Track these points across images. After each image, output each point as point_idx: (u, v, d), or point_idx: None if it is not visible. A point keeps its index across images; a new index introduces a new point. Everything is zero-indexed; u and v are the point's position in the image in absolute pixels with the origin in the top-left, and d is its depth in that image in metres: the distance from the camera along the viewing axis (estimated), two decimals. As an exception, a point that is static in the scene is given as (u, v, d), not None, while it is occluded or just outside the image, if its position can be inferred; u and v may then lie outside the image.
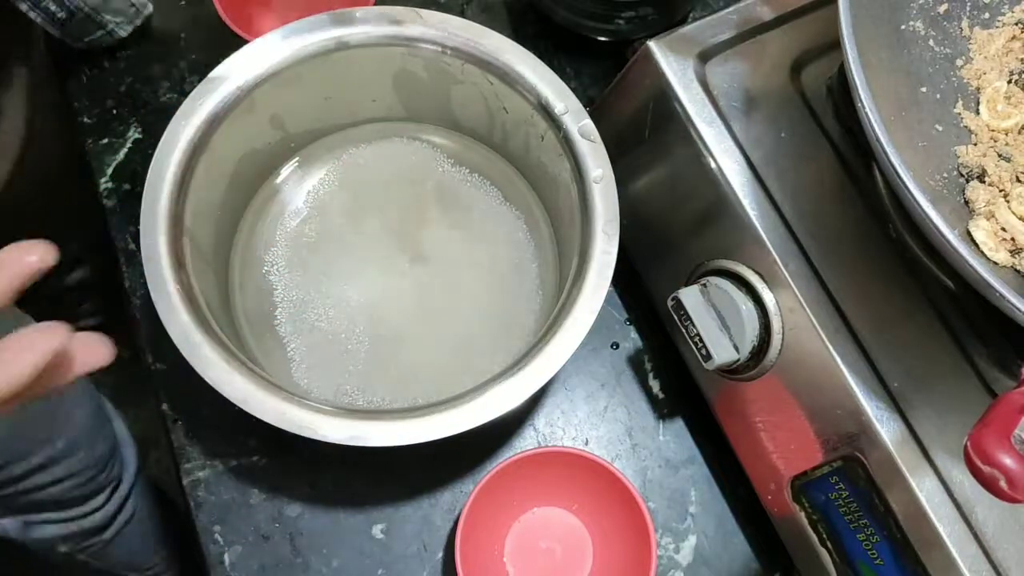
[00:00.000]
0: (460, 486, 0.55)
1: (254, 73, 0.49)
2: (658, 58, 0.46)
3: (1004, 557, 0.39)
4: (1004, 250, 0.39)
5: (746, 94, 0.46)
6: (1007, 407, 0.31)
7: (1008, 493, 0.29)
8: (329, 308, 0.54)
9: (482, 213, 0.57)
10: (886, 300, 0.43)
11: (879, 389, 0.41)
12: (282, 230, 0.56)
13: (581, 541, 0.53)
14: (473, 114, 0.56)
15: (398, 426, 0.42)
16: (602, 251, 0.46)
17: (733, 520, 0.56)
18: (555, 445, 0.56)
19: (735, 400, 0.49)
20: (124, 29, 0.61)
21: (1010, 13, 0.45)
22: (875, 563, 0.43)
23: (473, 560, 0.49)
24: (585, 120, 0.48)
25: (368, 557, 0.53)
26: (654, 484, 0.56)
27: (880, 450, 0.40)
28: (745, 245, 0.45)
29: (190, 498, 0.53)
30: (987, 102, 0.43)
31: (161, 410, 0.55)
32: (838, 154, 0.46)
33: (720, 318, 0.45)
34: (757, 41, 0.48)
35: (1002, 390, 0.40)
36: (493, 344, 0.53)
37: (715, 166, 0.45)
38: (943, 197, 0.40)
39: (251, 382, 0.42)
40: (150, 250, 0.44)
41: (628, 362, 0.59)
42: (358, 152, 0.58)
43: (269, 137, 0.54)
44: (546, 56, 0.50)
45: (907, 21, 0.43)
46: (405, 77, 0.54)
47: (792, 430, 0.45)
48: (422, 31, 0.50)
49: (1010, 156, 0.42)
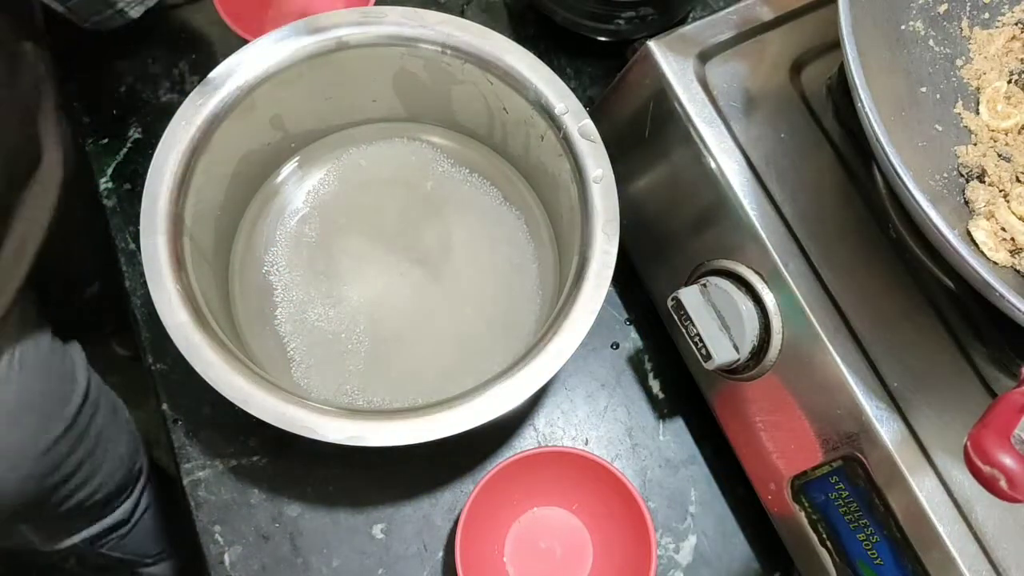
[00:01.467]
0: (460, 486, 0.55)
1: (254, 73, 0.49)
2: (658, 58, 0.46)
3: (1003, 557, 0.39)
4: (1004, 250, 0.39)
5: (746, 94, 0.46)
6: (1007, 407, 0.31)
7: (1008, 493, 0.29)
8: (329, 308, 0.54)
9: (482, 213, 0.57)
10: (886, 300, 0.43)
11: (879, 389, 0.41)
12: (282, 230, 0.56)
13: (581, 541, 0.53)
14: (473, 114, 0.56)
15: (398, 426, 0.42)
16: (602, 251, 0.46)
17: (733, 520, 0.56)
18: (555, 445, 0.56)
19: (735, 400, 0.49)
20: (136, 9, 0.55)
21: (1010, 13, 0.45)
22: (875, 563, 0.43)
23: (473, 560, 0.49)
24: (585, 120, 0.48)
25: (368, 557, 0.53)
26: (654, 484, 0.56)
27: (880, 450, 0.40)
28: (745, 245, 0.45)
29: (190, 498, 0.53)
30: (987, 102, 0.43)
31: (161, 410, 0.55)
32: (838, 154, 0.46)
33: (720, 318, 0.45)
34: (757, 41, 0.48)
35: (1002, 390, 0.39)
36: (493, 344, 0.53)
37: (715, 166, 0.45)
38: (943, 197, 0.40)
39: (251, 382, 0.42)
40: (150, 250, 0.44)
41: (628, 362, 0.59)
42: (358, 152, 0.58)
43: (269, 137, 0.54)
44: (546, 56, 0.50)
45: (907, 21, 0.43)
46: (405, 77, 0.54)
47: (792, 430, 0.45)
48: (422, 31, 0.50)
49: (1010, 156, 0.42)
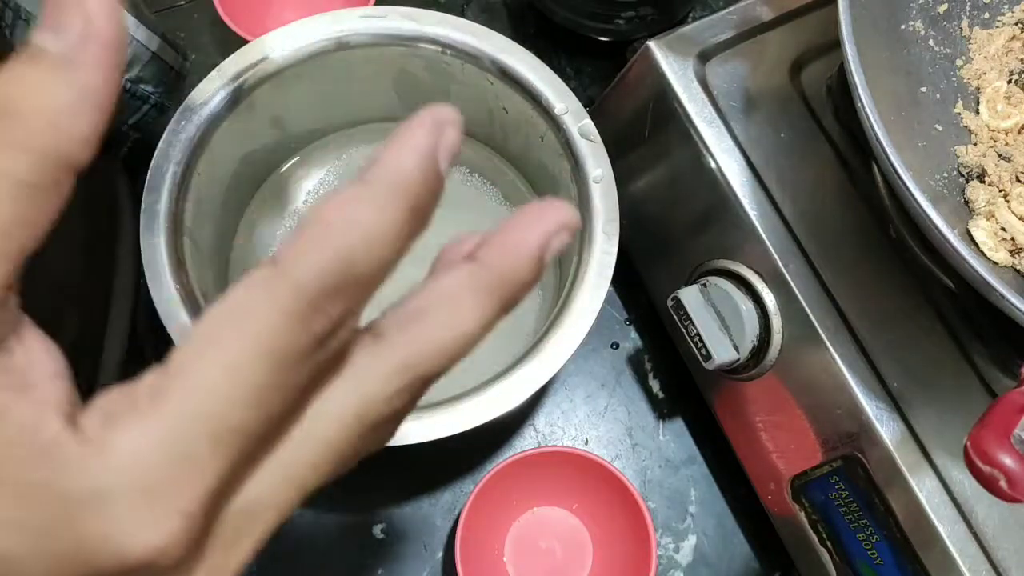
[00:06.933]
0: (460, 486, 0.55)
1: (254, 73, 0.49)
2: (658, 58, 0.46)
3: (1004, 557, 0.39)
4: (1004, 250, 0.39)
5: (746, 94, 0.46)
6: (1007, 407, 0.31)
7: (1008, 493, 0.29)
8: (329, 308, 0.54)
9: (482, 213, 0.57)
10: (886, 300, 0.43)
11: (879, 389, 0.41)
12: (282, 230, 0.56)
13: (581, 541, 0.53)
14: (473, 114, 0.56)
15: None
16: (602, 251, 0.46)
17: (733, 520, 0.56)
18: (555, 445, 0.56)
19: (735, 400, 0.49)
20: (169, 99, 0.51)
21: (1010, 13, 0.45)
22: (875, 563, 0.43)
23: (473, 560, 0.49)
24: (585, 120, 0.48)
25: (368, 557, 0.53)
26: (654, 484, 0.56)
27: (880, 450, 0.40)
28: (745, 245, 0.45)
29: (190, 498, 0.53)
30: (987, 102, 0.43)
31: (161, 410, 0.55)
32: (838, 154, 0.46)
33: (720, 318, 0.45)
34: (757, 41, 0.48)
35: (1002, 390, 0.39)
36: (493, 344, 0.53)
37: (715, 166, 0.45)
38: (943, 197, 0.40)
39: (251, 382, 0.42)
40: (150, 250, 0.44)
41: (628, 362, 0.59)
42: (358, 152, 0.58)
43: (269, 137, 0.54)
44: (546, 56, 0.50)
45: (907, 21, 0.43)
46: (405, 77, 0.54)
47: (792, 430, 0.45)
48: (422, 31, 0.50)
49: (1010, 156, 0.41)
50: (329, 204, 0.17)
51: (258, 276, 0.16)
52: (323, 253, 0.16)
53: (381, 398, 0.18)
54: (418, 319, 0.18)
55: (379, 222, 0.17)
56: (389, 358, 0.18)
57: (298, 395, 0.17)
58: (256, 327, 0.16)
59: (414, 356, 0.18)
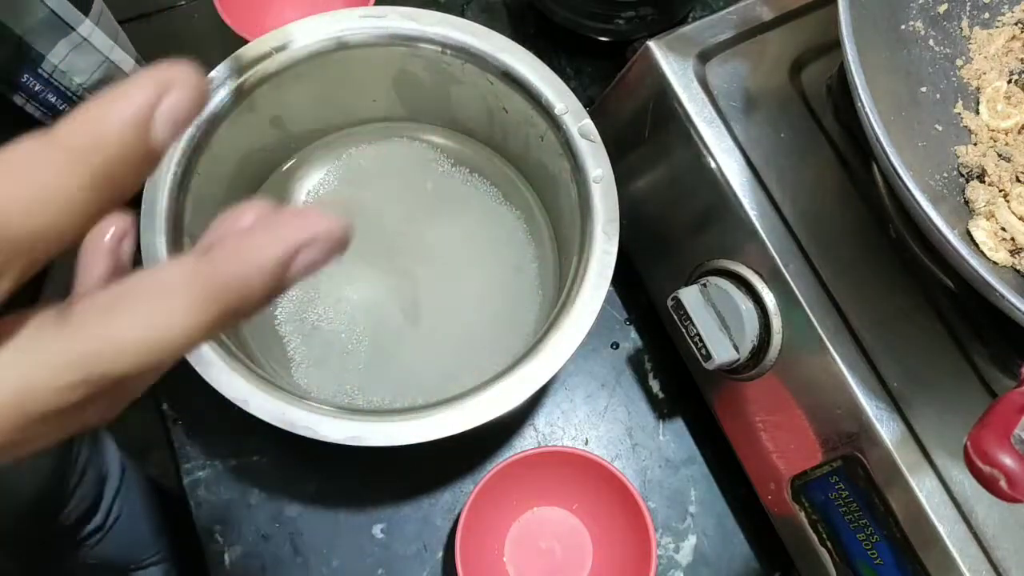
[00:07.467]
0: (460, 486, 0.55)
1: (254, 73, 0.49)
2: (658, 58, 0.46)
3: (1004, 557, 0.39)
4: (1004, 250, 0.39)
5: (746, 94, 0.46)
6: (1007, 407, 0.31)
7: (1008, 493, 0.29)
8: (329, 308, 0.54)
9: (482, 213, 0.57)
10: (886, 300, 0.43)
11: (879, 389, 0.41)
12: (282, 230, 0.56)
13: (581, 541, 0.53)
14: (473, 114, 0.56)
15: (398, 426, 0.42)
16: (602, 251, 0.46)
17: (733, 520, 0.56)
18: (555, 445, 0.56)
19: (735, 400, 0.49)
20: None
21: (1010, 13, 0.45)
22: (875, 563, 0.43)
23: (473, 560, 0.49)
24: (585, 120, 0.48)
25: (368, 557, 0.53)
26: (654, 484, 0.56)
27: (880, 450, 0.40)
28: (745, 245, 0.45)
29: (190, 498, 0.53)
30: (987, 102, 0.43)
31: (161, 410, 0.55)
32: (838, 154, 0.46)
33: (720, 318, 0.45)
34: (757, 41, 0.48)
35: (1002, 390, 0.39)
36: (493, 344, 0.53)
37: (715, 166, 0.45)
38: (943, 197, 0.40)
39: (251, 382, 0.42)
40: (150, 250, 0.44)
41: (628, 362, 0.59)
42: (358, 152, 0.58)
43: (269, 137, 0.54)
44: (546, 56, 0.50)
45: (907, 21, 0.43)
46: (405, 77, 0.54)
47: (792, 430, 0.45)
48: (422, 31, 0.50)
49: (1010, 156, 0.41)
50: (3, 154, 0.15)
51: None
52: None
53: (50, 388, 0.16)
54: (115, 309, 0.16)
55: (48, 185, 0.15)
56: (64, 350, 0.16)
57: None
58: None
59: (94, 355, 0.16)
